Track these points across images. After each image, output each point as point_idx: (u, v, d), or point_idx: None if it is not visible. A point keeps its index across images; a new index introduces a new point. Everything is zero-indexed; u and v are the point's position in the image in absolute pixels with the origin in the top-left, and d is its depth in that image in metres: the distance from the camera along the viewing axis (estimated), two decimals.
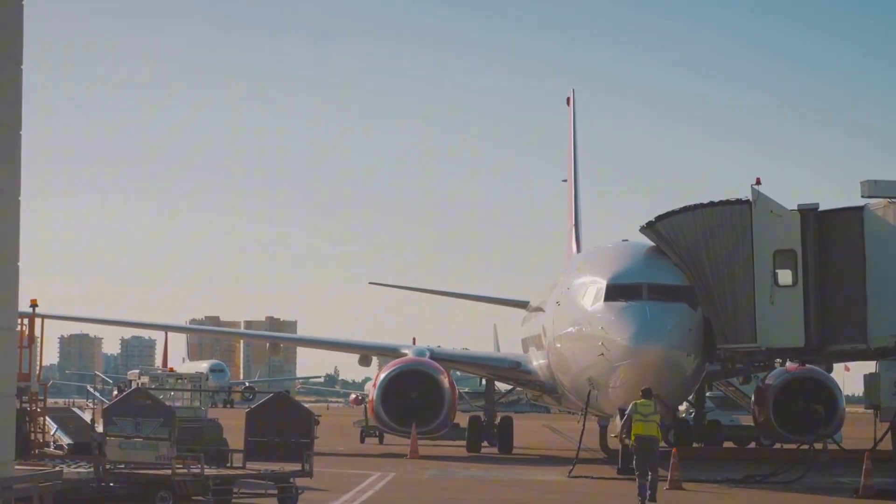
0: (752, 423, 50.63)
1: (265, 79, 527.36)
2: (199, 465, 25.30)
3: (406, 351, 51.08)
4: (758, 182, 35.90)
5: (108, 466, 25.25)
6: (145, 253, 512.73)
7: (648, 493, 28.51)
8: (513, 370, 51.08)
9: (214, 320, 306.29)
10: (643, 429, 29.33)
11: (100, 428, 26.64)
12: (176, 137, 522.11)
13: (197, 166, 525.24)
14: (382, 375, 47.49)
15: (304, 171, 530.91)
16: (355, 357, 58.56)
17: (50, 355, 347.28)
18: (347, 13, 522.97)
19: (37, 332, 31.08)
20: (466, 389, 75.87)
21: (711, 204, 36.30)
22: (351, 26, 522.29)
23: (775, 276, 35.58)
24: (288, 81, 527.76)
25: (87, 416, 32.80)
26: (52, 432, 31.23)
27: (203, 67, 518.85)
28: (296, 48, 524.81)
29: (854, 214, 35.46)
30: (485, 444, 51.23)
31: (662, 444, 31.31)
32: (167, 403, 29.21)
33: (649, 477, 28.54)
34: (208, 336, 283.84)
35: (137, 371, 41.68)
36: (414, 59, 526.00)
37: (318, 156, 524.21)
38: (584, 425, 38.95)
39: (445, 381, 47.03)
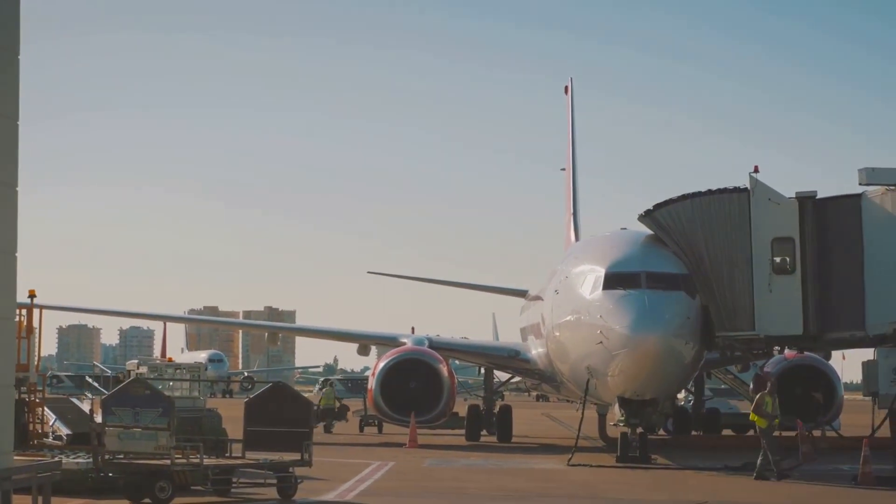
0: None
1: (260, 73, 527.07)
2: (198, 455, 25.33)
3: (405, 340, 51.10)
4: (756, 170, 35.87)
5: (106, 456, 25.27)
6: (144, 243, 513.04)
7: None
8: (511, 359, 51.11)
9: (213, 310, 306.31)
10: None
11: (99, 418, 26.67)
12: (174, 129, 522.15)
13: (195, 157, 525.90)
14: (381, 365, 47.52)
15: (302, 162, 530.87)
16: (354, 346, 58.57)
17: (48, 346, 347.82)
18: (341, 3, 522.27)
19: (35, 323, 31.12)
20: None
21: (709, 192, 36.25)
22: (344, 17, 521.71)
23: (773, 263, 35.53)
24: (282, 75, 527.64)
25: (85, 406, 32.84)
26: (50, 423, 31.28)
27: (201, 62, 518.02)
28: (290, 42, 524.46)
29: (852, 202, 35.44)
30: (484, 432, 51.26)
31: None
32: (166, 393, 29.22)
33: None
34: (207, 326, 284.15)
35: (136, 361, 41.70)
36: (410, 49, 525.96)
37: (315, 146, 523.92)
38: (582, 414, 38.97)
39: (444, 370, 47.08)
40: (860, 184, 34.88)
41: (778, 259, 35.56)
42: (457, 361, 65.20)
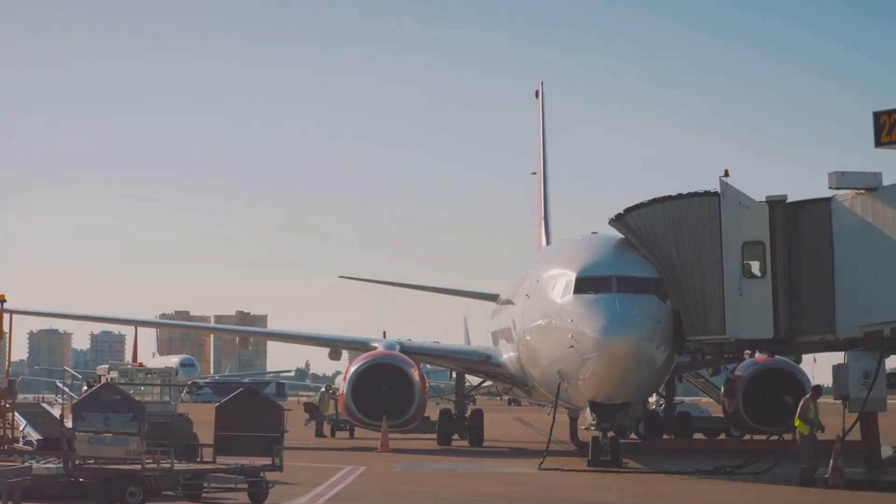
0: (721, 415, 50.91)
1: (231, 77, 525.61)
2: (169, 460, 25.28)
3: (376, 344, 51.09)
4: (726, 174, 35.95)
5: (77, 462, 25.18)
6: (115, 247, 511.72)
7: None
8: (483, 363, 51.15)
9: (184, 315, 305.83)
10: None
11: (69, 423, 26.58)
12: (146, 133, 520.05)
13: (167, 162, 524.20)
14: (353, 369, 47.50)
15: (274, 166, 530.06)
16: (326, 351, 58.52)
17: (19, 351, 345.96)
18: (314, 5, 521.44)
19: (5, 328, 31.01)
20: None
21: (680, 196, 36.32)
22: (315, 20, 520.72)
23: (744, 267, 35.61)
24: (252, 79, 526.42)
25: (56, 412, 32.74)
26: (21, 428, 31.16)
27: (172, 66, 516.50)
28: (262, 46, 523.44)
29: (822, 206, 35.52)
30: (456, 436, 51.27)
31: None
32: (137, 398, 29.15)
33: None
34: (178, 331, 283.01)
35: (107, 366, 41.58)
36: (381, 52, 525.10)
37: (286, 150, 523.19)
38: (554, 418, 38.97)
39: (416, 375, 47.06)
40: (830, 188, 34.97)
41: (748, 263, 35.66)
42: (428, 366, 65.27)
